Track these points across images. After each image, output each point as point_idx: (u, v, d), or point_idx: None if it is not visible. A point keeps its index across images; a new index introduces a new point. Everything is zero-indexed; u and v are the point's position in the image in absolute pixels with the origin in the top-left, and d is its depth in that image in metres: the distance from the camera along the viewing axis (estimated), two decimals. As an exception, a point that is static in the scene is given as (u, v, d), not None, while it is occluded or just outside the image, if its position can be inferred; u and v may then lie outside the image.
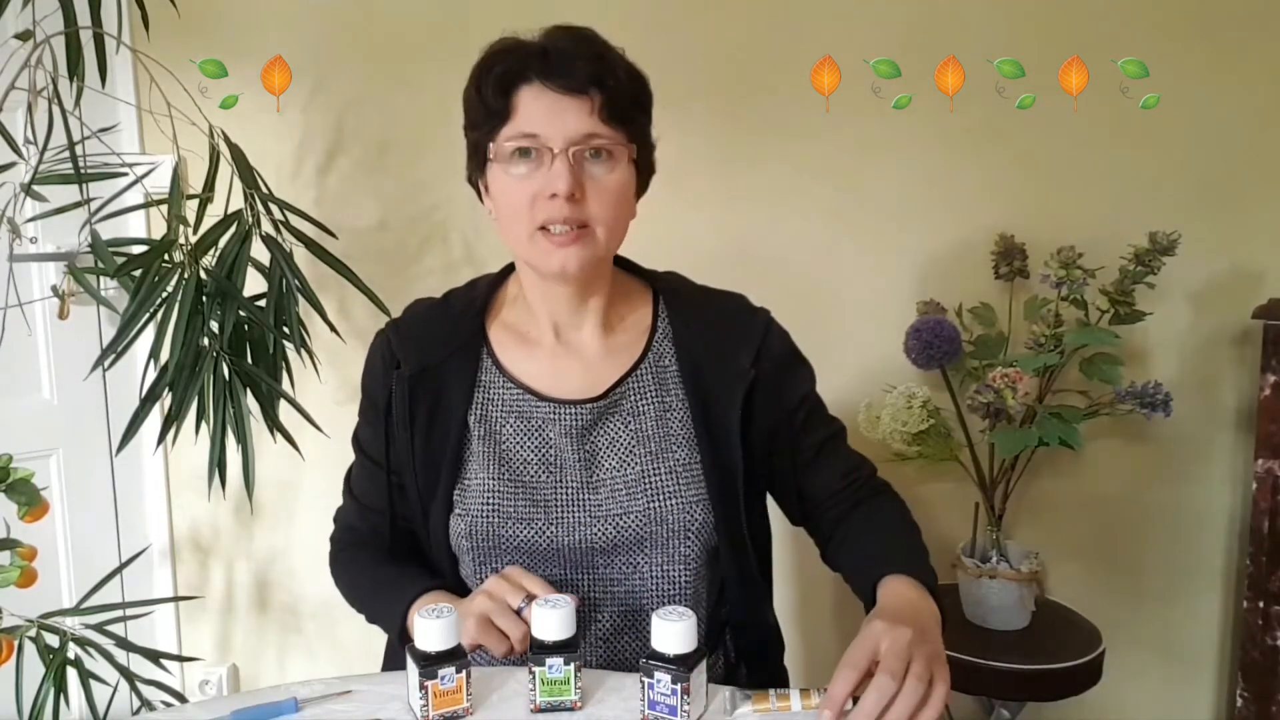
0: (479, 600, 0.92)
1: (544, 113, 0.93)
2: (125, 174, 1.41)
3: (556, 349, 1.04)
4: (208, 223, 1.40)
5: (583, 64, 0.93)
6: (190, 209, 1.40)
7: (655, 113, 1.02)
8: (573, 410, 1.02)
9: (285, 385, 1.46)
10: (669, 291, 1.08)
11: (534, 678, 0.86)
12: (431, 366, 1.03)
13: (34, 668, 1.32)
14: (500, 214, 0.99)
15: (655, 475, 1.01)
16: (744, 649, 1.10)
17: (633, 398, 1.03)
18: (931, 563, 0.99)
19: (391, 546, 1.09)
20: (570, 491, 1.01)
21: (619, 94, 0.94)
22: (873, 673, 0.80)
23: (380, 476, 1.07)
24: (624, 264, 1.11)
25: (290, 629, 1.96)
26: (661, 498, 1.00)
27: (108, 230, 1.40)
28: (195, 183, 1.50)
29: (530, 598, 0.91)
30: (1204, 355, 1.78)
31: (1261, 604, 1.67)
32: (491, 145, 0.96)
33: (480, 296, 1.07)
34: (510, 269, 1.09)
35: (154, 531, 1.89)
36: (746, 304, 1.10)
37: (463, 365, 1.03)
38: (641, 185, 1.03)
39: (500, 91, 0.95)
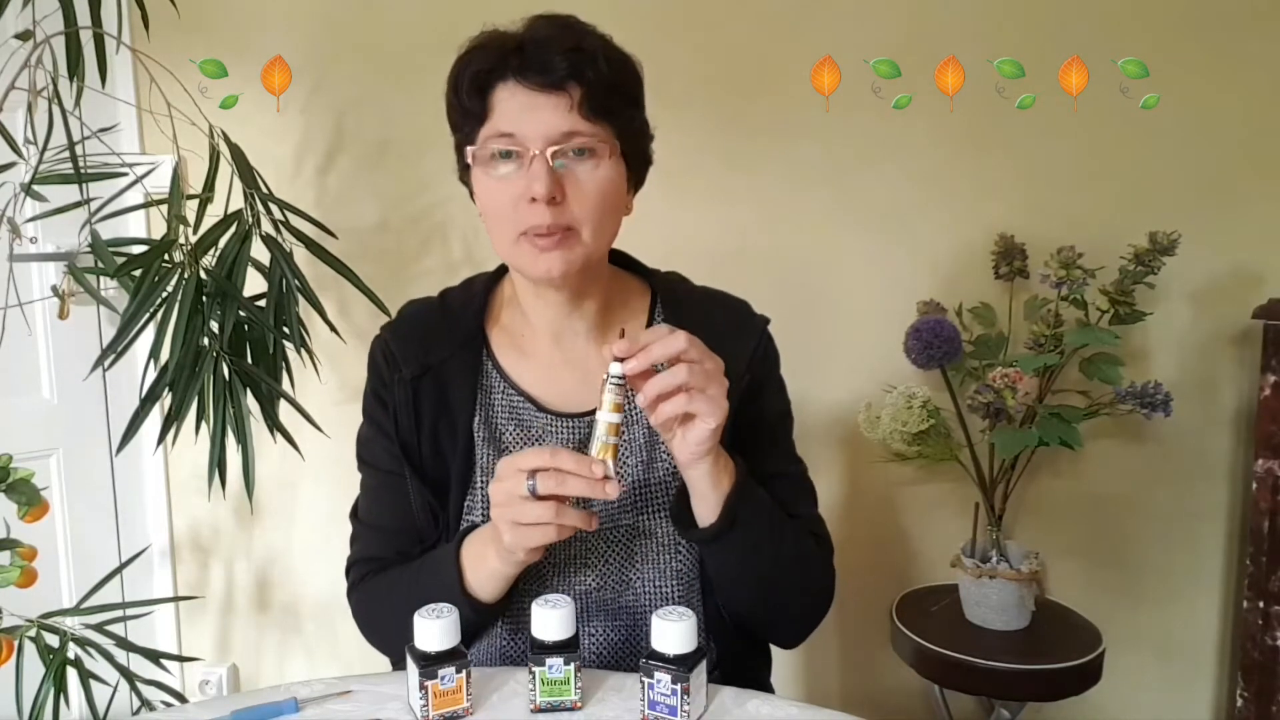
0: (495, 513, 0.86)
1: (520, 111, 0.89)
2: (125, 174, 1.41)
3: (554, 358, 1.02)
4: (208, 223, 1.40)
5: (560, 57, 0.88)
6: (190, 209, 1.40)
7: (656, 112, 1.00)
8: (570, 424, 0.99)
9: (285, 385, 1.46)
10: (666, 293, 1.05)
11: (534, 678, 0.85)
12: (434, 366, 1.00)
13: (34, 668, 1.32)
14: (485, 218, 0.96)
15: (645, 487, 0.98)
16: (731, 662, 1.03)
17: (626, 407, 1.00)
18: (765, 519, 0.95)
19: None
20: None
21: (600, 86, 0.90)
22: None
23: (403, 484, 1.01)
24: (624, 261, 1.08)
25: (290, 629, 1.96)
26: (649, 511, 0.98)
27: (108, 230, 1.40)
28: (195, 183, 1.50)
29: (532, 474, 0.84)
30: (1204, 355, 1.78)
31: (1261, 604, 1.67)
32: (470, 148, 0.93)
33: (478, 296, 1.04)
34: (506, 269, 1.06)
35: (154, 531, 1.90)
36: (747, 309, 1.07)
37: (464, 367, 1.01)
38: (637, 179, 0.99)
39: (475, 91, 0.91)
